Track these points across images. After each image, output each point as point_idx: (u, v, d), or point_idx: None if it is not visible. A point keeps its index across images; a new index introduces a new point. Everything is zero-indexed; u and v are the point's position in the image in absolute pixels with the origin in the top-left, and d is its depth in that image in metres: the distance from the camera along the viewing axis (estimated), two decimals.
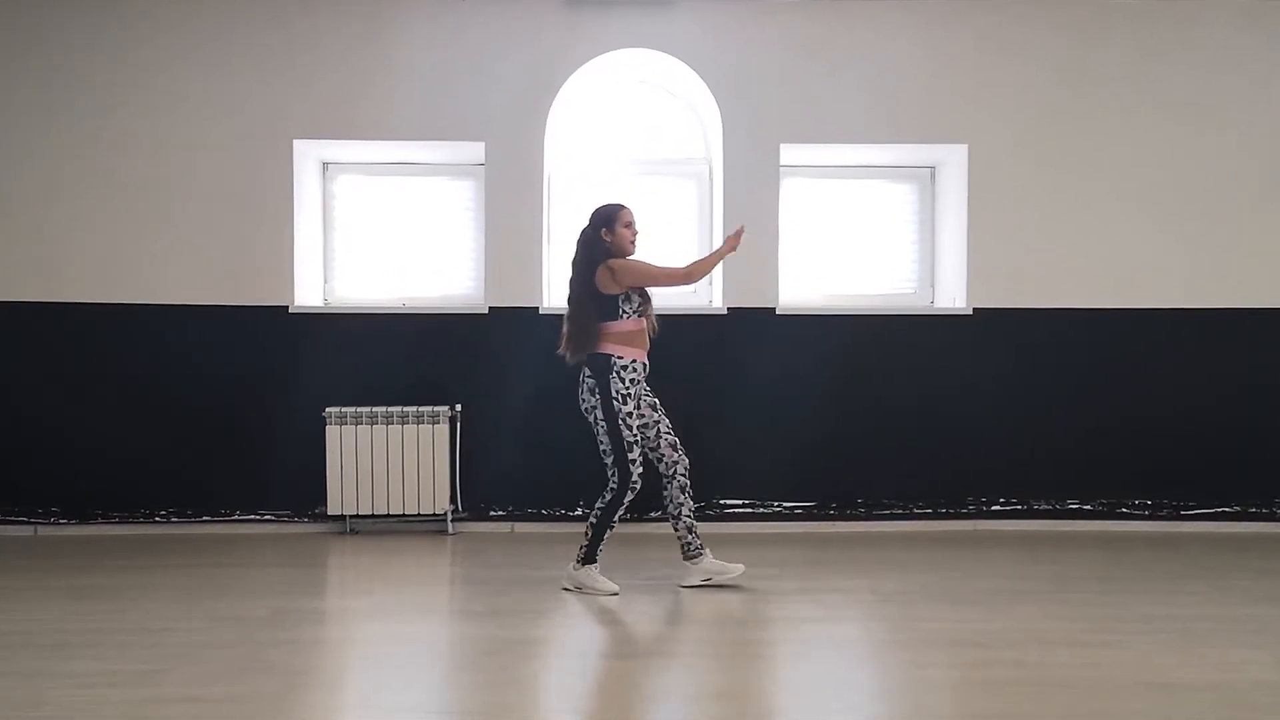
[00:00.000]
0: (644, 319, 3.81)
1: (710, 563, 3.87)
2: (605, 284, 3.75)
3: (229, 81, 5.03)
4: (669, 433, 3.86)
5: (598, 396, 3.71)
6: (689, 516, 3.85)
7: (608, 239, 3.79)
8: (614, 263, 3.75)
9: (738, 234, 3.89)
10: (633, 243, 3.82)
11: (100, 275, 5.00)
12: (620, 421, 3.70)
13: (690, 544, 3.85)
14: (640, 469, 3.75)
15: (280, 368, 5.05)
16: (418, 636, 3.32)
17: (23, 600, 3.69)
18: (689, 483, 3.87)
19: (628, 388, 3.72)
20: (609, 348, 3.73)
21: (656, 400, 3.88)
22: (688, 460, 3.88)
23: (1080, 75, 5.14)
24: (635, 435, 3.74)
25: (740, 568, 3.88)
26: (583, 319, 3.75)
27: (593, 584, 3.78)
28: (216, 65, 5.02)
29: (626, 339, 3.75)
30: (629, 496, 3.73)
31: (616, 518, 3.76)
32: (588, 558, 3.79)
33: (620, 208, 3.84)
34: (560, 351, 3.85)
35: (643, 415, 3.80)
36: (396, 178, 5.41)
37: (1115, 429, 5.15)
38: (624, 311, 3.75)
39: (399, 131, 5.09)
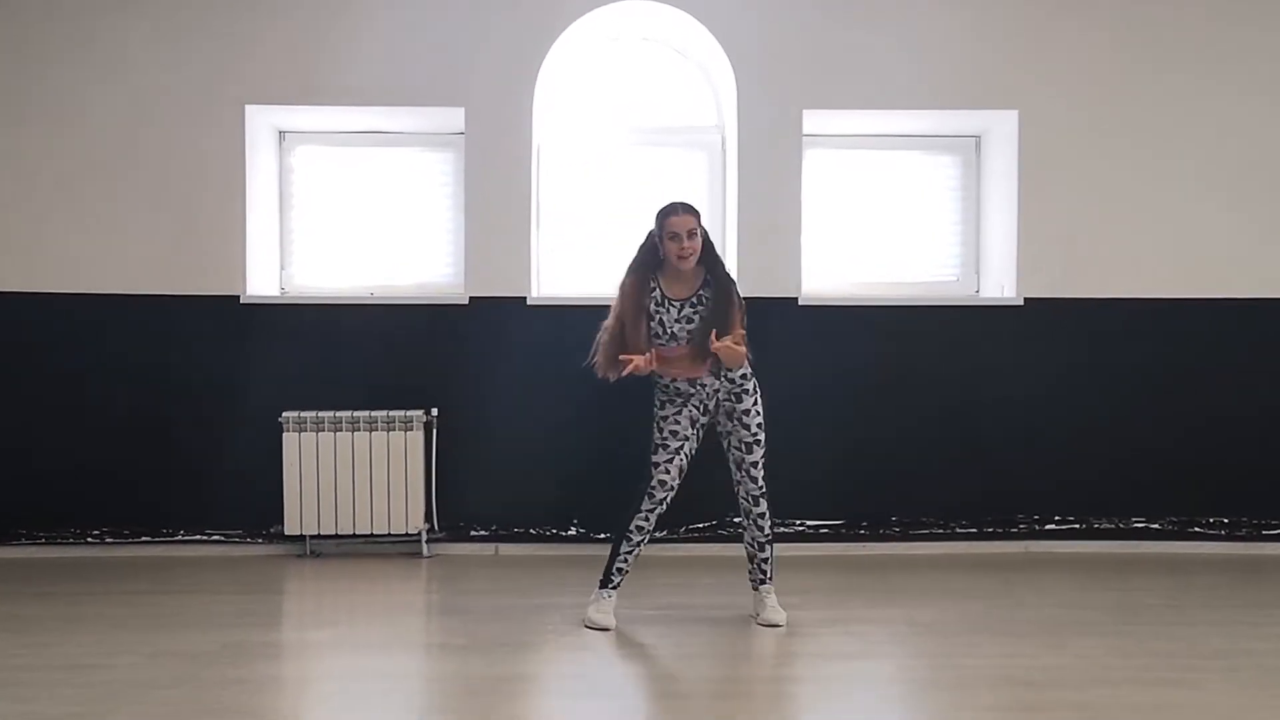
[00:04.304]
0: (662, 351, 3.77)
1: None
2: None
3: (170, 38, 5.02)
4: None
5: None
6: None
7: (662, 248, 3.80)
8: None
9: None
10: (678, 256, 3.71)
11: (21, 261, 5.00)
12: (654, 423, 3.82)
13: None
14: (663, 475, 3.73)
15: (231, 366, 5.05)
16: (389, 673, 3.32)
17: None
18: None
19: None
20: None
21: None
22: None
23: (1149, 33, 5.13)
24: (664, 438, 3.78)
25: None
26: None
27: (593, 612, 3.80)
28: (154, 19, 5.02)
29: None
30: (646, 502, 3.73)
31: (634, 525, 3.75)
32: (604, 579, 3.81)
33: (664, 214, 3.75)
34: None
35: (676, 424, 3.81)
36: (363, 148, 5.41)
37: (1187, 437, 5.15)
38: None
39: (366, 96, 5.09)
